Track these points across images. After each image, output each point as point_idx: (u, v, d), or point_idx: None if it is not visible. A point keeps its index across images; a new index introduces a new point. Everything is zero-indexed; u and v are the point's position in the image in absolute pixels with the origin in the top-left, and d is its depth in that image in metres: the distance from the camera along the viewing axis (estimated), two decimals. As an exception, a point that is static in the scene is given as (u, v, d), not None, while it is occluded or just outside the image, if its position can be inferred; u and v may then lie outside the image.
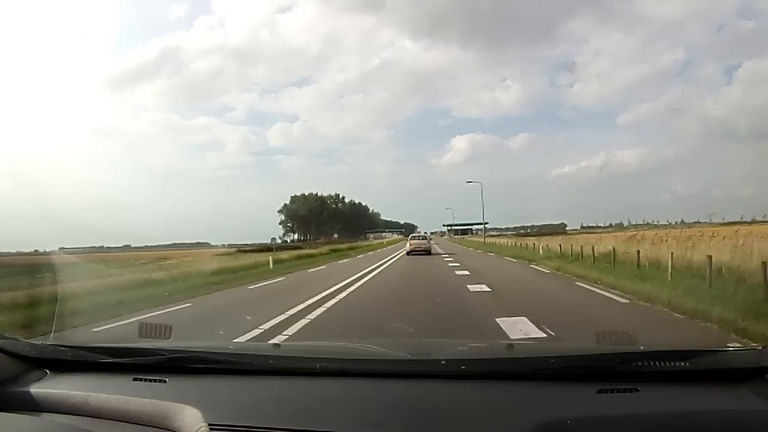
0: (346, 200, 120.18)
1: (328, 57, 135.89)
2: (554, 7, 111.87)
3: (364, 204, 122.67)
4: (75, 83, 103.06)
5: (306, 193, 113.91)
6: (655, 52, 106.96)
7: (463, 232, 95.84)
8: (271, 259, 23.25)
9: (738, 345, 1.64)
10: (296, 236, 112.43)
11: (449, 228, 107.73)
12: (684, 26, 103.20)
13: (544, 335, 6.05)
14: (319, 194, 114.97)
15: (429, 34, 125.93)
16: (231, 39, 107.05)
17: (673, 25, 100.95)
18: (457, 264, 19.78)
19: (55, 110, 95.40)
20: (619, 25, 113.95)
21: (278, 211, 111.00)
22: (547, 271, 16.17)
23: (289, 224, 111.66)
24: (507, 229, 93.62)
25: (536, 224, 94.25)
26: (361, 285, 13.27)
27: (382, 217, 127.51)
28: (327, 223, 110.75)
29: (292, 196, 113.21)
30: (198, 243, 65.59)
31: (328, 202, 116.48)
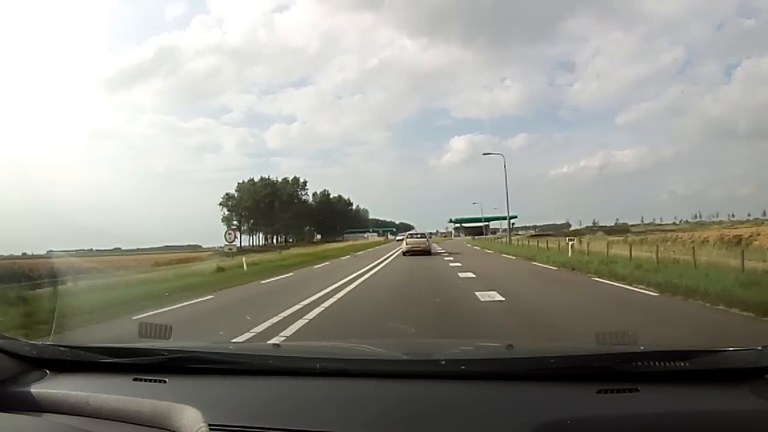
0: (316, 190, 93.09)
1: (326, 57, 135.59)
2: (554, 5, 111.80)
3: (346, 198, 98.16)
4: (70, 84, 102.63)
5: (255, 179, 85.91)
6: (654, 51, 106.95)
7: (477, 230, 71.22)
8: None
9: (738, 345, 1.62)
10: (268, 237, 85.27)
11: (459, 225, 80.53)
12: (684, 25, 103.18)
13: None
14: (272, 179, 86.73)
15: (428, 33, 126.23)
16: (228, 39, 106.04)
17: (673, 24, 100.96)
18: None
19: (49, 111, 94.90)
20: (619, 23, 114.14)
21: (219, 204, 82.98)
22: None
23: (234, 222, 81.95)
24: (517, 228, 71.95)
25: (538, 224, 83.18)
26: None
27: (373, 216, 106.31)
28: (280, 219, 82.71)
29: (238, 183, 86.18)
30: (189, 245, 63.91)
31: (286, 189, 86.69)
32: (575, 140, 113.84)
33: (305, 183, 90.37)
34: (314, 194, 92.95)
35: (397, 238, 61.08)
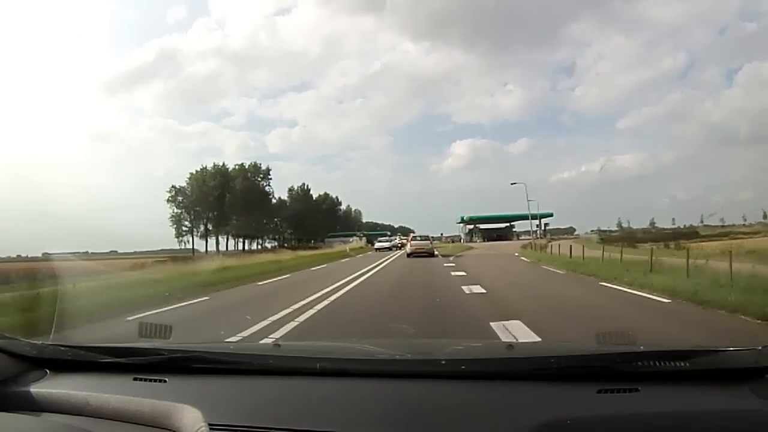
0: (293, 184, 72.92)
1: (327, 61, 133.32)
2: (557, 10, 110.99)
3: (334, 196, 78.48)
4: (69, 86, 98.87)
5: (209, 167, 64.15)
6: (656, 56, 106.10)
7: (497, 234, 57.81)
8: None
9: (738, 345, 1.64)
10: (230, 240, 63.40)
11: (473, 225, 61.91)
12: (686, 29, 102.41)
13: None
14: (226, 165, 65.19)
15: (430, 37, 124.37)
16: (229, 42, 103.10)
17: (675, 29, 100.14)
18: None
19: (48, 113, 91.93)
20: (621, 28, 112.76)
21: (167, 201, 61.68)
22: None
23: (186, 222, 62.34)
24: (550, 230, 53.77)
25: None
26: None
27: (370, 219, 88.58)
28: (238, 217, 61.64)
29: (191, 173, 63.80)
30: (184, 249, 60.30)
31: (247, 177, 64.89)
32: (576, 145, 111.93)
33: (268, 171, 67.55)
34: (290, 190, 73.28)
35: (376, 245, 46.24)
